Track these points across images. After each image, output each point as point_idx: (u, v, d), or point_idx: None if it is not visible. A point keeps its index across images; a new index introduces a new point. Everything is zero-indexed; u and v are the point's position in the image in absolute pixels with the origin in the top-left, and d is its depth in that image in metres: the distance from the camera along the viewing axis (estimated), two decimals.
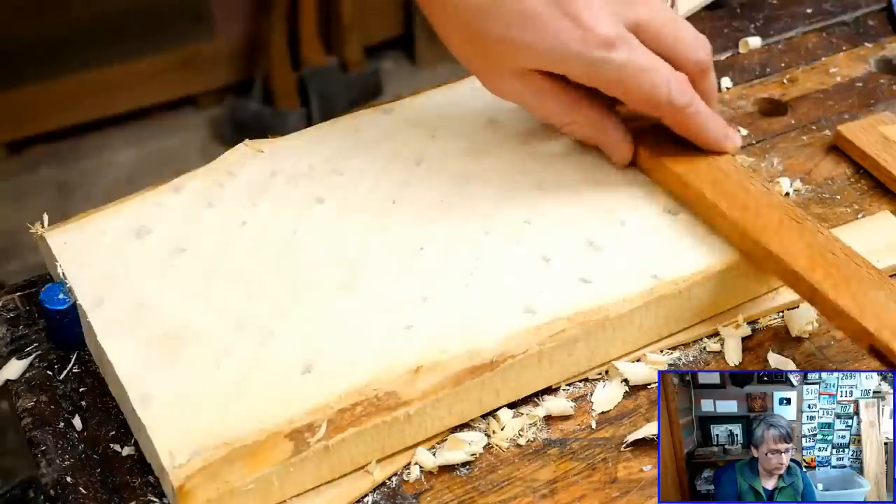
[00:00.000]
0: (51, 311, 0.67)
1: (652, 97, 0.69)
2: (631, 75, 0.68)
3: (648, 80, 0.68)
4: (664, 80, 0.69)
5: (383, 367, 0.63)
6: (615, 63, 0.67)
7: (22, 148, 2.23)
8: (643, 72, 0.68)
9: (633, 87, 0.68)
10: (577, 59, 0.68)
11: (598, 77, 0.68)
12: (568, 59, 0.68)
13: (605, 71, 0.68)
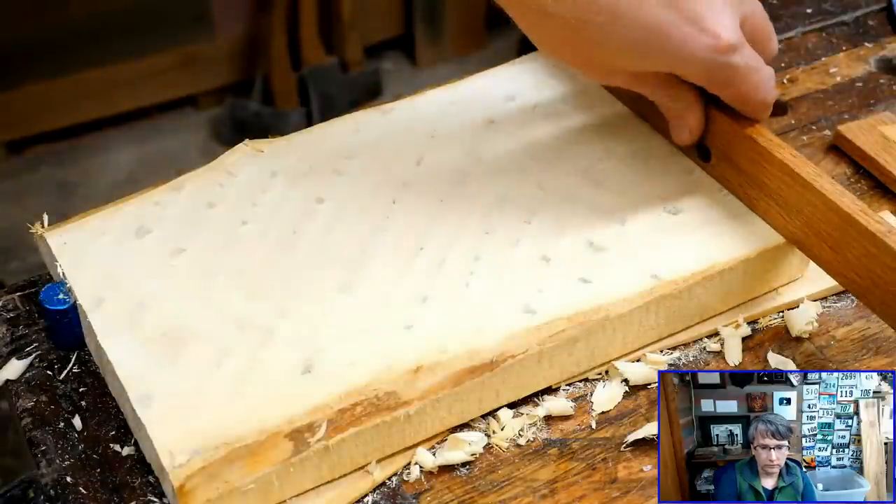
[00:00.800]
0: (51, 311, 0.67)
1: (753, 97, 0.68)
2: (743, 77, 0.67)
3: (755, 82, 0.68)
4: (764, 79, 0.68)
5: (383, 367, 0.63)
6: (734, 67, 0.66)
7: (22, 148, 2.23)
8: (753, 73, 0.67)
9: (740, 87, 0.68)
10: (702, 65, 0.66)
11: (716, 79, 0.67)
12: (692, 65, 0.66)
13: (724, 74, 0.67)
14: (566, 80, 0.83)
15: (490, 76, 0.84)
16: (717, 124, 0.72)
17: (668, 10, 0.64)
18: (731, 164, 0.72)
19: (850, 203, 0.65)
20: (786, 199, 0.69)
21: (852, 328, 0.71)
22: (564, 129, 0.79)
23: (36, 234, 0.71)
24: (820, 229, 0.67)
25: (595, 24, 0.64)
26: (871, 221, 0.63)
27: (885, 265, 0.63)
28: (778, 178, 0.68)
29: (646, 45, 0.65)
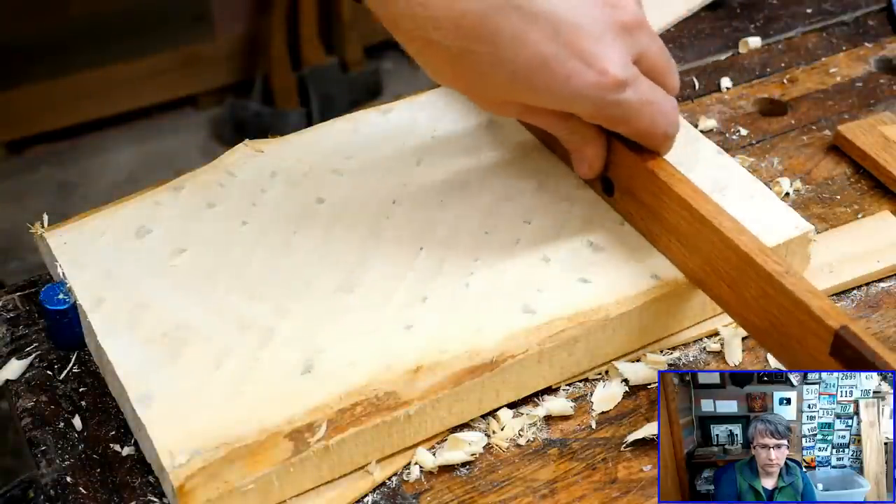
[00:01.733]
0: (51, 311, 0.67)
1: (652, 131, 0.66)
2: (637, 113, 0.65)
3: (650, 116, 0.65)
4: (663, 113, 0.66)
5: (383, 367, 0.63)
6: (624, 104, 0.64)
7: (22, 148, 2.23)
8: (648, 106, 0.65)
9: (637, 123, 0.66)
10: (589, 102, 0.63)
11: (607, 117, 0.65)
12: (580, 102, 0.63)
13: (614, 112, 0.64)
14: None
15: None
16: (618, 157, 0.69)
17: (554, 44, 0.61)
18: (633, 198, 0.70)
19: (749, 241, 0.62)
20: (685, 236, 0.66)
21: None
22: None
23: (36, 234, 0.71)
24: (719, 268, 0.64)
25: (477, 55, 0.61)
26: (767, 261, 0.61)
27: (781, 307, 0.60)
28: (678, 214, 0.66)
29: (530, 79, 0.62)
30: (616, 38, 0.62)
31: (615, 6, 0.63)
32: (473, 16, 0.60)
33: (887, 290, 0.74)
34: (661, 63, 0.66)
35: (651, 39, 0.65)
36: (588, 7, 0.62)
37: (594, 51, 0.61)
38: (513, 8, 0.60)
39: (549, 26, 0.60)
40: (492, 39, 0.60)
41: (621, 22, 0.63)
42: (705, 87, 0.90)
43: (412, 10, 0.60)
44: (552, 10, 0.61)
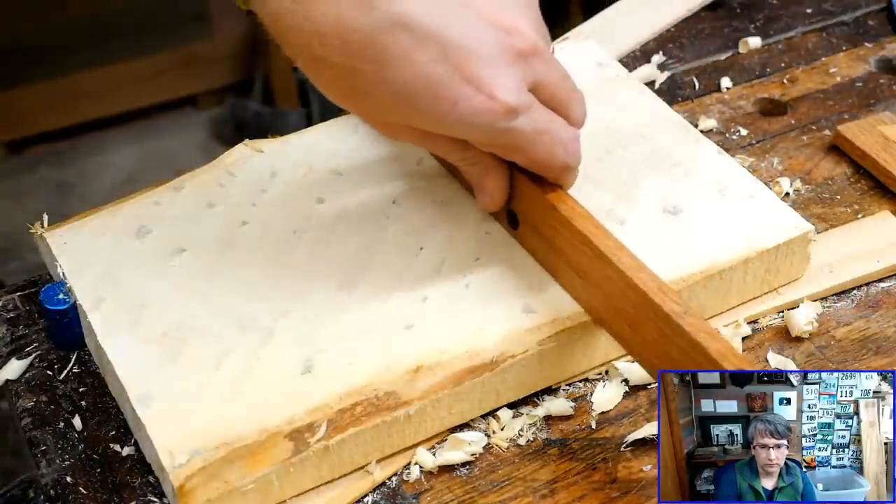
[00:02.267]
0: (51, 311, 0.67)
1: (550, 161, 0.64)
2: (530, 142, 0.62)
3: (547, 145, 0.63)
4: (561, 143, 0.63)
5: (383, 367, 0.63)
6: (516, 132, 0.61)
7: (22, 148, 2.23)
8: (544, 135, 0.62)
9: (532, 152, 0.63)
10: (478, 128, 0.60)
11: (499, 145, 0.63)
12: (469, 128, 0.60)
13: (506, 139, 0.62)
14: None
15: None
16: (520, 189, 0.67)
17: (443, 66, 0.58)
18: (536, 232, 0.68)
19: (648, 280, 0.61)
20: (586, 272, 0.64)
21: (852, 328, 0.71)
22: None
23: (36, 234, 0.71)
24: (619, 306, 0.62)
25: (363, 73, 0.59)
26: (666, 301, 0.59)
27: (679, 348, 0.59)
28: (578, 250, 0.64)
29: (416, 100, 0.59)
30: (509, 64, 0.60)
31: (510, 32, 0.60)
32: (360, 33, 0.57)
33: (887, 290, 0.74)
34: (562, 93, 0.64)
35: (550, 68, 0.63)
36: (481, 31, 0.59)
37: (484, 75, 0.59)
38: (401, 27, 0.57)
39: (438, 48, 0.58)
40: (378, 58, 0.58)
41: (516, 48, 0.60)
42: (705, 87, 0.90)
43: (299, 25, 0.58)
44: (442, 31, 0.58)
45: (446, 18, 0.58)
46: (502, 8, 0.60)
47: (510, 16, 0.60)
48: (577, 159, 0.65)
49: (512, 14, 0.61)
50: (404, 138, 0.64)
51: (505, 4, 0.61)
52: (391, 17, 0.57)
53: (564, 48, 0.86)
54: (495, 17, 0.60)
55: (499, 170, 0.66)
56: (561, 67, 0.64)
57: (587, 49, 0.86)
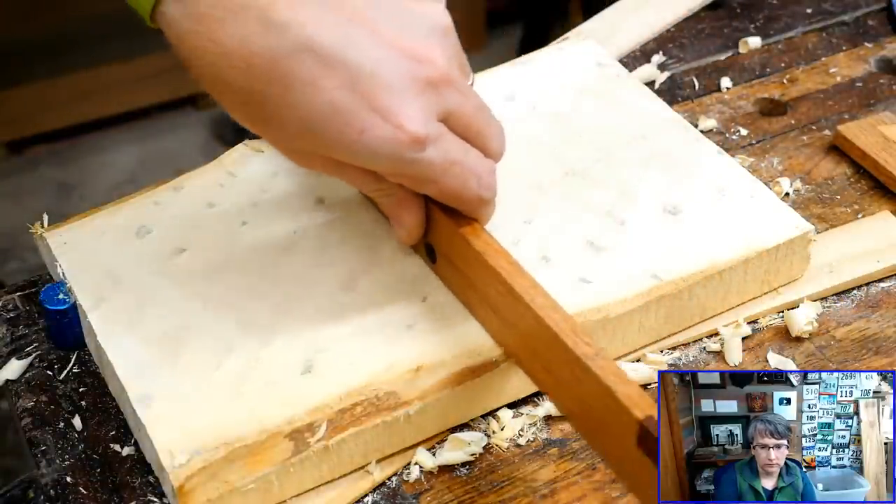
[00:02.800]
0: (51, 311, 0.67)
1: (462, 194, 0.62)
2: (441, 174, 0.60)
3: (459, 177, 0.61)
4: (475, 175, 0.61)
5: (383, 367, 0.63)
6: (425, 163, 0.59)
7: (22, 148, 2.23)
8: (454, 167, 0.60)
9: (443, 185, 0.61)
10: (385, 158, 0.58)
11: (409, 176, 0.61)
12: (376, 158, 0.59)
13: (415, 171, 0.60)
14: (566, 80, 0.83)
15: (490, 76, 0.84)
16: (436, 221, 0.65)
17: (350, 94, 0.56)
18: (452, 266, 0.66)
19: (560, 321, 0.58)
20: (501, 310, 0.62)
21: (852, 328, 0.71)
22: (564, 129, 0.79)
23: (36, 234, 0.71)
24: (533, 346, 0.60)
25: (269, 97, 0.57)
26: (578, 343, 0.57)
27: (590, 391, 0.56)
28: (493, 287, 0.62)
29: (323, 129, 0.57)
30: (418, 94, 0.58)
31: (421, 61, 0.58)
32: (265, 57, 0.56)
33: (887, 290, 0.74)
34: (478, 123, 0.62)
35: (465, 99, 0.61)
36: (391, 59, 0.57)
37: (391, 104, 0.57)
38: (307, 52, 0.56)
39: (345, 75, 0.56)
40: (284, 83, 0.56)
41: (426, 77, 0.58)
42: (705, 87, 0.90)
43: (203, 47, 0.56)
44: (350, 58, 0.56)
45: (355, 45, 0.56)
46: (414, 36, 0.59)
47: (422, 44, 0.59)
48: (491, 192, 0.63)
49: (424, 42, 0.59)
50: (315, 167, 0.62)
51: (418, 33, 0.59)
52: (297, 41, 0.55)
53: (564, 48, 0.86)
54: (406, 45, 0.58)
55: (414, 202, 0.64)
56: (477, 98, 0.62)
57: (587, 49, 0.86)
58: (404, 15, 0.59)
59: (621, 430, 0.55)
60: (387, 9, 0.58)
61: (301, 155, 0.61)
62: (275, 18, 0.55)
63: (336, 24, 0.56)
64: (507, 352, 0.64)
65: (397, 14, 0.59)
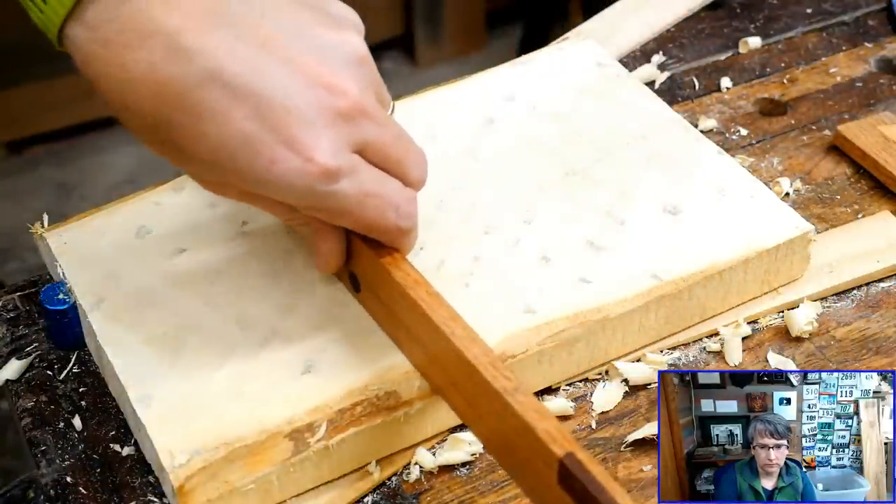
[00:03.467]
0: (51, 311, 0.67)
1: (380, 225, 0.60)
2: (357, 205, 0.59)
3: (376, 209, 0.59)
4: (392, 206, 0.60)
5: (383, 367, 0.63)
6: (339, 196, 0.58)
7: (22, 148, 2.23)
8: (371, 199, 0.59)
9: (359, 216, 0.59)
10: (297, 191, 0.57)
11: (321, 210, 0.59)
12: (287, 190, 0.57)
13: (328, 204, 0.58)
14: (566, 80, 0.83)
15: (490, 76, 0.84)
16: (357, 251, 0.64)
17: (259, 125, 0.55)
18: (375, 296, 0.65)
19: (480, 354, 0.57)
20: (422, 342, 0.61)
21: (852, 328, 0.71)
22: (564, 129, 0.79)
23: (36, 234, 0.71)
24: (455, 379, 0.59)
25: (177, 126, 0.55)
26: (497, 377, 0.55)
27: (511, 427, 0.55)
28: (414, 318, 0.61)
29: (232, 160, 0.56)
30: (329, 125, 0.57)
31: (333, 91, 0.57)
32: (174, 85, 0.54)
33: (887, 290, 0.74)
34: (396, 153, 0.60)
35: (381, 129, 0.59)
36: (301, 89, 0.56)
37: (301, 136, 0.55)
38: (217, 81, 0.54)
39: (254, 105, 0.55)
40: (191, 112, 0.55)
41: (338, 108, 0.57)
42: (705, 87, 0.90)
43: (110, 72, 0.55)
44: (259, 88, 0.55)
45: (265, 75, 0.55)
46: (327, 66, 0.57)
47: (336, 74, 0.57)
48: (411, 222, 0.62)
49: (337, 72, 0.57)
50: (229, 196, 0.61)
51: (331, 63, 0.57)
52: (206, 70, 0.54)
53: (564, 48, 0.86)
54: (319, 75, 0.56)
55: (331, 231, 0.63)
56: (396, 127, 0.61)
57: (587, 49, 0.86)
58: (319, 44, 0.57)
59: (542, 467, 0.53)
60: (301, 37, 0.57)
61: (213, 185, 0.60)
62: (183, 45, 0.54)
63: (246, 53, 0.55)
64: (432, 385, 0.62)
65: (311, 43, 0.57)
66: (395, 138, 0.60)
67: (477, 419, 0.59)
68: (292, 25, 0.57)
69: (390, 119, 0.61)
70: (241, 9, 0.55)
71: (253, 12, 0.56)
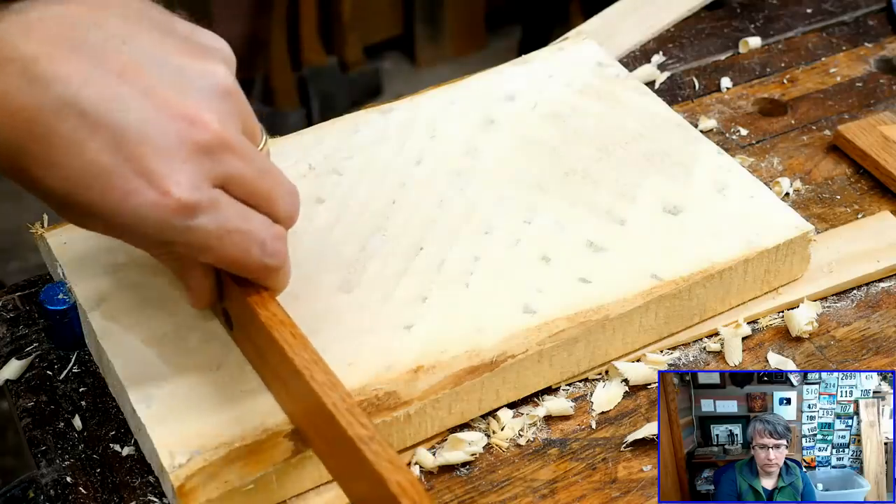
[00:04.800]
0: (51, 311, 0.67)
1: (244, 262, 0.58)
2: (217, 242, 0.56)
3: (239, 245, 0.57)
4: (257, 242, 0.57)
5: (383, 367, 0.63)
6: (198, 231, 0.55)
7: None
8: (232, 235, 0.56)
9: (221, 253, 0.57)
10: (152, 225, 0.54)
11: (180, 245, 0.56)
12: (141, 225, 0.54)
13: (187, 239, 0.56)
14: (566, 80, 0.83)
15: (490, 76, 0.84)
16: (227, 287, 0.62)
17: (115, 156, 0.53)
18: (244, 334, 0.63)
19: (338, 400, 0.55)
20: (287, 383, 0.59)
21: (852, 328, 0.71)
22: (564, 129, 0.79)
23: (36, 234, 0.71)
24: (316, 423, 0.57)
25: (31, 155, 0.53)
26: (353, 423, 0.53)
27: (364, 476, 0.53)
28: (278, 359, 0.59)
29: (84, 191, 0.53)
30: (189, 158, 0.54)
31: (193, 123, 0.54)
32: (28, 113, 0.52)
33: (887, 290, 0.74)
34: (262, 188, 0.58)
35: (245, 163, 0.57)
36: (160, 120, 0.54)
37: (157, 169, 0.53)
38: (72, 110, 0.52)
39: (110, 136, 0.53)
40: (46, 140, 0.52)
41: (197, 141, 0.55)
42: (705, 87, 0.90)
43: None
44: (116, 119, 0.53)
45: (123, 105, 0.53)
46: (189, 97, 0.55)
47: (196, 106, 0.55)
48: (278, 259, 0.59)
49: (199, 104, 0.55)
50: (97, 230, 0.58)
51: (193, 94, 0.55)
52: (61, 98, 0.52)
53: (564, 48, 0.86)
54: (179, 106, 0.54)
55: (199, 267, 0.60)
56: (263, 162, 0.58)
57: (587, 49, 0.86)
58: (181, 74, 0.55)
59: None
60: (163, 66, 0.55)
61: (75, 218, 0.57)
62: (38, 73, 0.52)
63: (104, 81, 0.53)
64: (298, 428, 0.60)
65: (174, 72, 0.55)
66: (262, 173, 0.58)
67: (337, 465, 0.57)
68: (154, 54, 0.55)
69: (257, 153, 0.58)
70: (100, 36, 0.54)
71: (113, 40, 0.54)
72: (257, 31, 2.27)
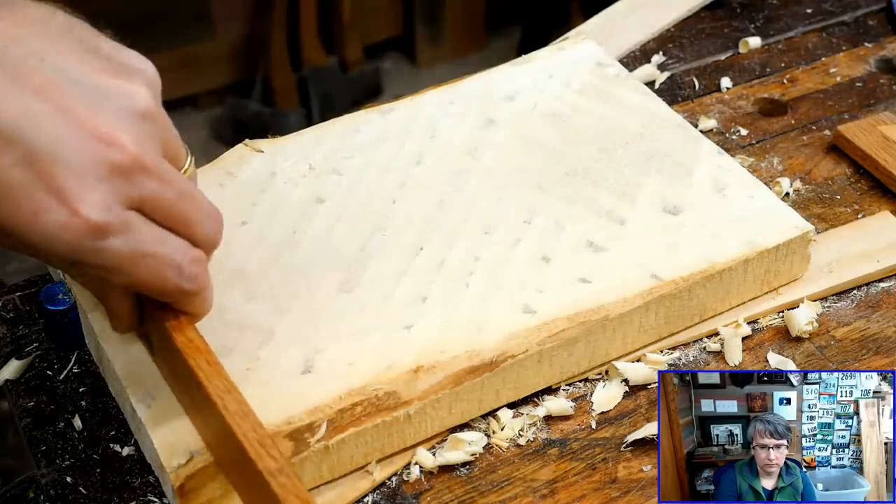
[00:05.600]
0: (51, 311, 0.67)
1: (159, 286, 0.56)
2: (130, 264, 0.55)
3: (154, 269, 0.55)
4: (173, 266, 0.56)
5: (383, 367, 0.63)
6: (109, 253, 0.54)
7: None
8: (147, 258, 0.55)
9: (135, 276, 0.55)
10: (63, 245, 0.53)
11: (92, 267, 0.55)
12: (51, 244, 0.53)
13: (99, 261, 0.54)
14: (566, 80, 0.83)
15: (490, 76, 0.84)
16: (148, 311, 0.60)
17: (25, 173, 0.52)
18: (164, 359, 0.61)
19: (249, 430, 0.53)
20: (201, 411, 0.58)
21: (852, 328, 0.71)
22: (564, 129, 0.79)
23: None
24: (230, 453, 0.55)
25: None
26: (263, 455, 0.52)
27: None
28: (193, 386, 0.57)
29: None
30: (103, 179, 0.53)
31: (110, 143, 0.53)
32: None
33: (887, 290, 0.74)
34: (180, 211, 0.57)
35: (162, 185, 0.56)
36: (74, 139, 0.53)
37: (70, 187, 0.52)
38: None
39: (22, 152, 0.51)
40: None
41: (112, 161, 0.53)
42: (705, 87, 0.90)
43: None
44: (28, 136, 0.52)
45: (36, 122, 0.52)
46: (105, 117, 0.54)
47: (112, 126, 0.54)
48: (196, 284, 0.57)
49: (115, 124, 0.54)
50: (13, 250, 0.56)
51: (110, 114, 0.54)
52: None
53: (564, 48, 0.86)
54: (94, 126, 0.53)
55: (119, 289, 0.59)
56: (182, 185, 0.57)
57: (587, 49, 0.86)
58: (100, 93, 0.54)
59: None
60: (81, 85, 0.54)
61: None
62: None
63: (18, 98, 0.52)
64: (215, 457, 0.59)
65: (92, 92, 0.54)
66: (180, 195, 0.57)
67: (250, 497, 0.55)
68: (74, 72, 0.54)
69: (176, 175, 0.57)
70: (18, 53, 0.53)
71: (31, 58, 0.53)
72: (257, 31, 2.27)
